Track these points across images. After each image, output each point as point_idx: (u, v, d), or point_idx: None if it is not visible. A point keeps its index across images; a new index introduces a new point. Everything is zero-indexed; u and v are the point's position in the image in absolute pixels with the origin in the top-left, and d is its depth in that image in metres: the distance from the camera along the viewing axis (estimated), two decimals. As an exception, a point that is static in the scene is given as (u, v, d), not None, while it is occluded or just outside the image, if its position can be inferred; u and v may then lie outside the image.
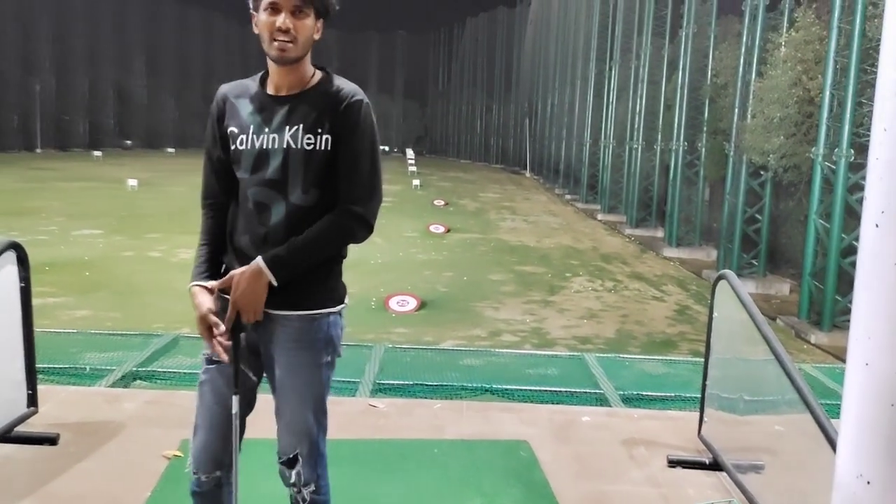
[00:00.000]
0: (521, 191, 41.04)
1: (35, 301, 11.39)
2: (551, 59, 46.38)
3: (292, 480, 2.47)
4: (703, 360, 3.81)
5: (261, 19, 2.32)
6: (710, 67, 20.14)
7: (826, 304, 12.98)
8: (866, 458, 1.30)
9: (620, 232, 25.11)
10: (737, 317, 3.20)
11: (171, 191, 32.02)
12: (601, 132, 31.85)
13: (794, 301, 14.89)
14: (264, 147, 2.34)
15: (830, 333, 12.79)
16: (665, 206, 22.75)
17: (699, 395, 3.84)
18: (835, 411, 2.59)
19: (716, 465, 3.27)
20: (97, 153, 51.25)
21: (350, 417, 3.95)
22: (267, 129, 2.34)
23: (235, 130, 2.38)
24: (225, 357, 2.37)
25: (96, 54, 63.09)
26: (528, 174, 52.46)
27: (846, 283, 12.98)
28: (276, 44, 2.30)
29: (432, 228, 23.08)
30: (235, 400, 2.41)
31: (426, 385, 4.81)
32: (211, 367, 2.49)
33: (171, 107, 72.21)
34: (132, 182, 30.90)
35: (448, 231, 23.01)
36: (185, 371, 4.78)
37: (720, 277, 3.53)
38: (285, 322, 2.39)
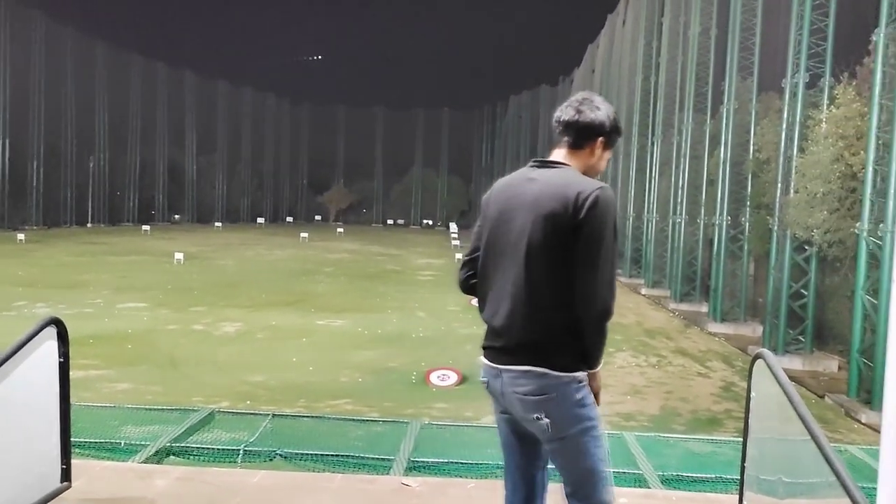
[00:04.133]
0: (562, 265, 40.85)
1: (77, 373, 11.45)
2: (592, 135, 46.67)
3: None
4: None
5: (605, 158, 2.78)
6: (752, 143, 20.14)
7: (876, 383, 12.53)
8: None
9: (664, 307, 24.77)
10: (775, 397, 3.11)
11: (218, 264, 32.66)
12: (644, 207, 31.82)
13: (842, 378, 14.42)
14: None
15: (882, 413, 12.29)
16: (709, 280, 22.43)
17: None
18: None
19: (758, 555, 3.10)
20: (146, 227, 52.72)
21: (381, 497, 3.88)
22: None
23: None
24: None
25: (149, 132, 65.65)
26: (570, 248, 52.36)
27: (899, 361, 12.53)
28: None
29: (474, 302, 22.87)
30: None
31: (461, 463, 4.71)
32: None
33: (221, 183, 74.35)
34: (178, 256, 31.60)
35: (489, 305, 22.90)
36: (220, 447, 4.75)
37: (757, 357, 3.44)
38: None
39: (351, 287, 26.02)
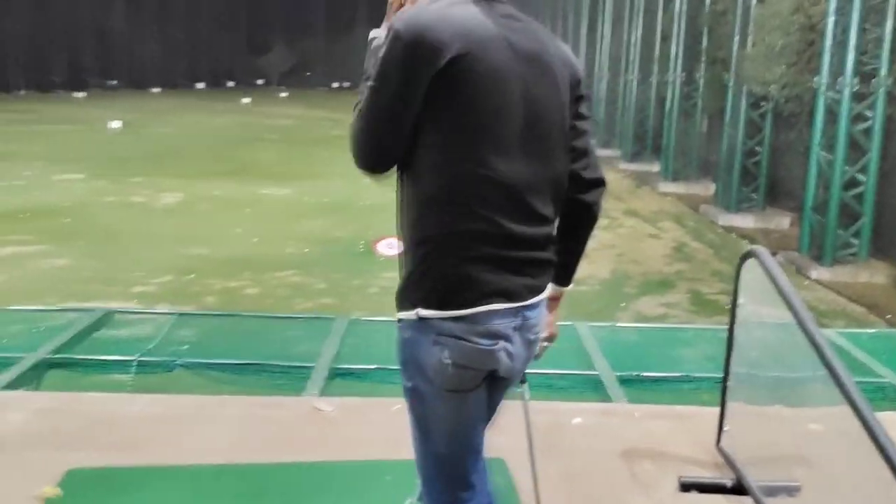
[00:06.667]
0: (513, 126, 40.17)
1: (9, 249, 10.67)
2: (543, -11, 44.93)
3: None
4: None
5: None
6: (708, -7, 19.34)
7: (827, 239, 12.65)
8: None
9: (615, 167, 24.57)
10: (769, 302, 2.59)
11: (157, 132, 31.24)
12: (594, 65, 30.99)
13: (793, 235, 14.56)
14: None
15: (832, 268, 12.50)
16: (661, 139, 22.17)
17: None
18: (870, 391, 2.13)
19: (740, 489, 2.71)
20: (79, 94, 50.05)
21: (287, 425, 3.34)
22: None
23: None
24: None
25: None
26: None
27: (848, 216, 12.63)
28: None
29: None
30: None
31: (392, 369, 4.18)
32: None
33: (155, 45, 70.31)
34: (115, 124, 30.15)
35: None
36: (111, 358, 4.10)
37: (748, 255, 2.88)
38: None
39: (295, 154, 25.22)
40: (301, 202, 17.11)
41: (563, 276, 2.21)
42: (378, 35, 2.10)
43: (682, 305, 10.70)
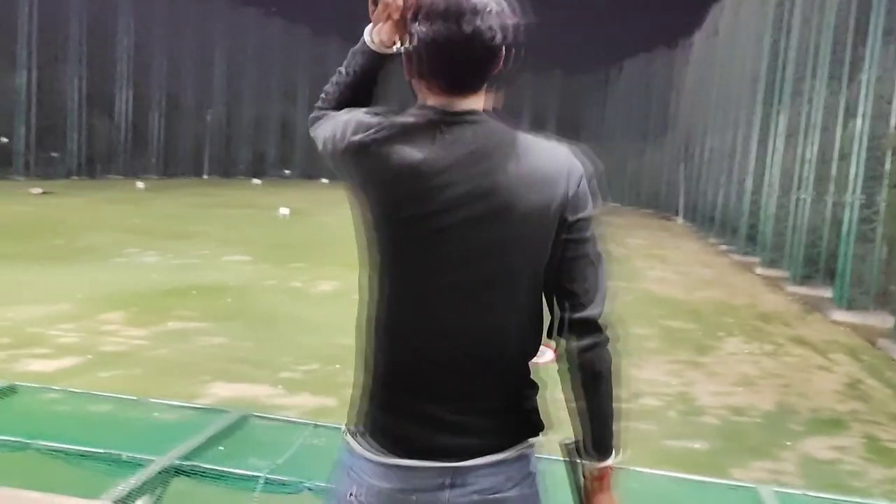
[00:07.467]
0: (671, 238, 39.17)
1: (176, 325, 11.26)
2: (712, 102, 44.41)
3: None
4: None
5: None
6: (893, 115, 18.22)
7: None
8: None
9: (782, 289, 23.15)
10: None
11: (321, 221, 32.90)
12: (763, 180, 29.84)
13: None
14: None
15: None
16: (835, 263, 20.70)
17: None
18: None
19: None
20: (256, 181, 54.00)
21: None
22: None
23: None
24: None
25: (264, 88, 67.06)
26: (679, 220, 50.24)
27: None
28: None
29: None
30: None
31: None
32: None
33: (330, 139, 75.47)
34: (284, 211, 32.03)
35: (591, 277, 22.02)
36: (238, 472, 3.75)
37: None
38: None
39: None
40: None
41: (590, 446, 1.91)
42: (366, 35, 2.12)
43: (857, 451, 9.56)
